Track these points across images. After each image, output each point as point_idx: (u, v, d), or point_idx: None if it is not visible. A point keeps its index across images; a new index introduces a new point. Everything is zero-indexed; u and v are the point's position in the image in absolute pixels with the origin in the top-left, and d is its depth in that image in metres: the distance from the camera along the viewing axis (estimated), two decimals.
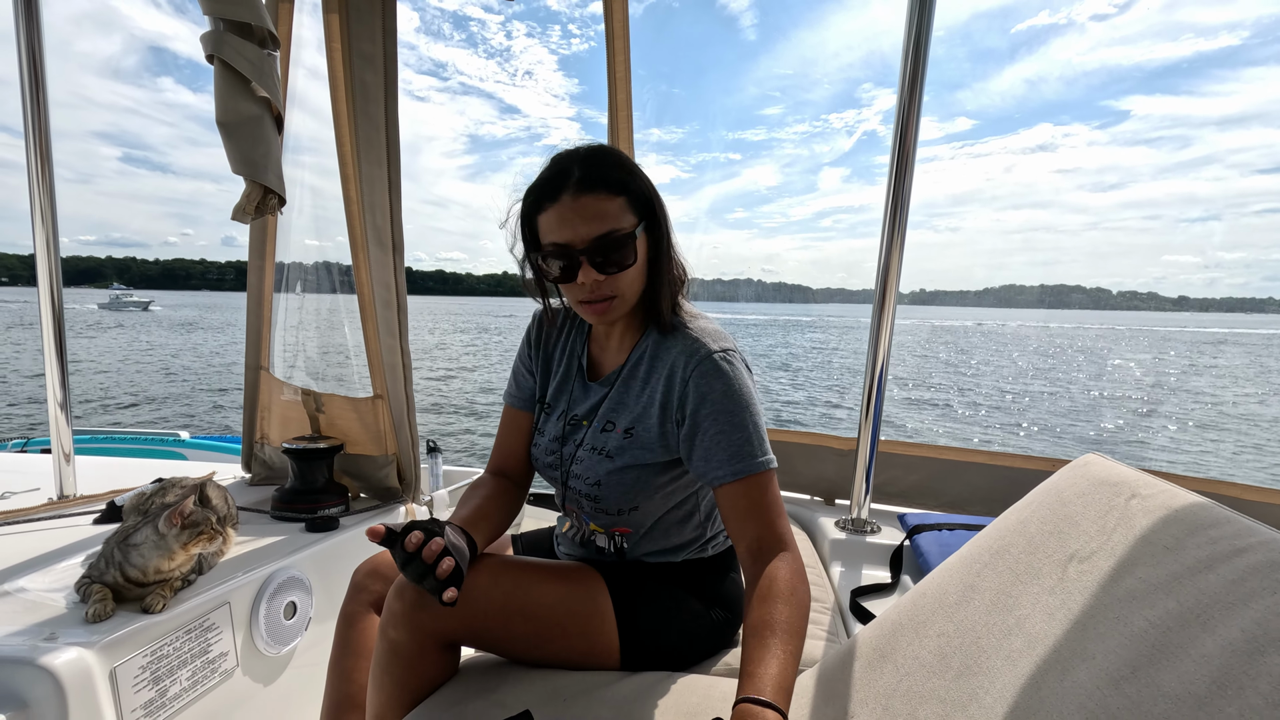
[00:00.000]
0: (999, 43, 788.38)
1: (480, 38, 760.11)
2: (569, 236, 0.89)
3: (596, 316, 0.95)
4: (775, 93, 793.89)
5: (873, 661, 0.87)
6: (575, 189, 0.88)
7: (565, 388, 1.09)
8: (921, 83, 1.39)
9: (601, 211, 0.88)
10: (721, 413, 0.91)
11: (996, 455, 1.70)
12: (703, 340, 0.95)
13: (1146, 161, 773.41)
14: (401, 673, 0.91)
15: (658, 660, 1.01)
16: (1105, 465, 0.86)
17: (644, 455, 0.97)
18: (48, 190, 1.56)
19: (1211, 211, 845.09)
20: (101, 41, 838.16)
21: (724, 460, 0.90)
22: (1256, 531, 0.62)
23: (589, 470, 1.01)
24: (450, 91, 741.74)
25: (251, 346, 1.91)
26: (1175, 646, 0.56)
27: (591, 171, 0.89)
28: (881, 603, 1.30)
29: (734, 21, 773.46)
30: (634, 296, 0.96)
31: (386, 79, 1.59)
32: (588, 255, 0.89)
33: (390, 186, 1.64)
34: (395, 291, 1.69)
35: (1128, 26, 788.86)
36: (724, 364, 0.92)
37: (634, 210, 0.92)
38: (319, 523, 1.58)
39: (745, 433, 0.90)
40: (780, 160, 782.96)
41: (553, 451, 1.07)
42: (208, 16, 1.27)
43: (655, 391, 0.96)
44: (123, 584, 1.12)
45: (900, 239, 1.46)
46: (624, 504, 1.00)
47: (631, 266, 0.92)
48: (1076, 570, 0.72)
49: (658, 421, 0.96)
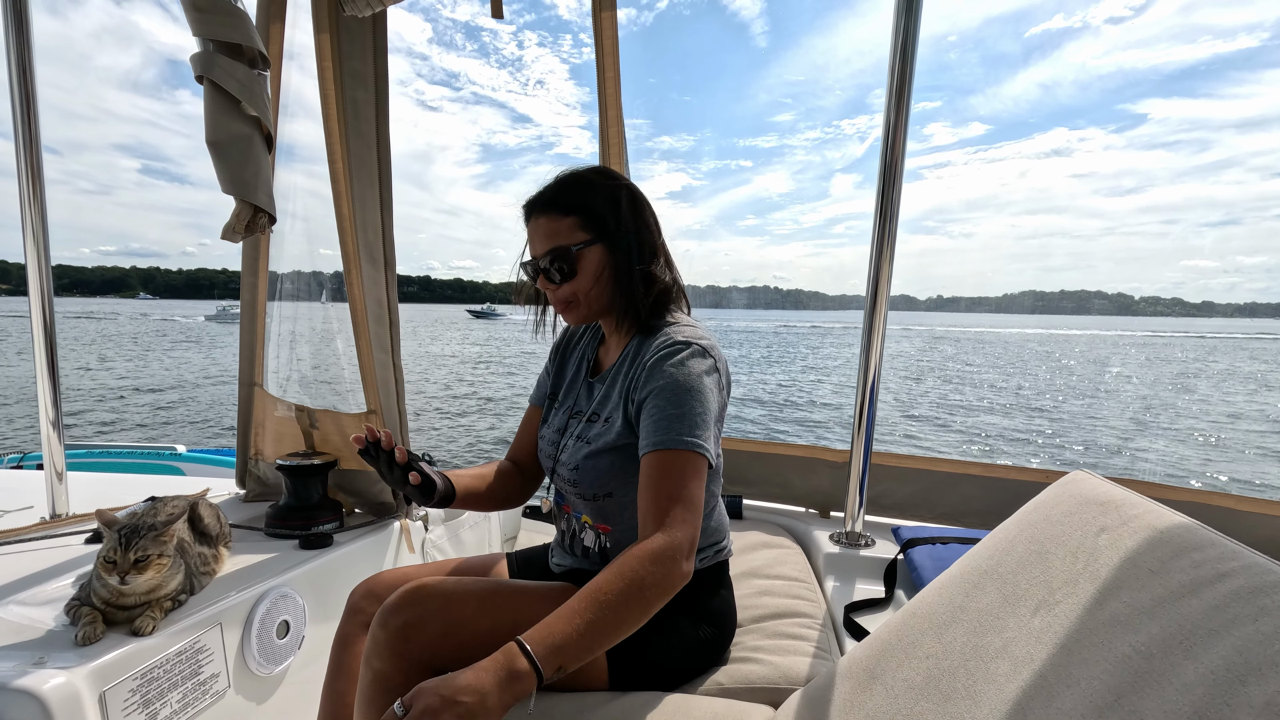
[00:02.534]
0: (1012, 47, 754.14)
1: (492, 48, 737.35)
2: (532, 251, 1.07)
3: (566, 315, 1.09)
4: (786, 99, 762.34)
5: (863, 682, 0.86)
6: (536, 212, 1.05)
7: (574, 386, 1.19)
8: (909, 93, 1.39)
9: (551, 230, 1.03)
10: (666, 391, 0.95)
11: (991, 467, 1.70)
12: (674, 335, 1.01)
13: (1164, 165, 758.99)
14: (386, 703, 0.90)
15: (646, 679, 1.01)
16: (1092, 483, 0.86)
17: (614, 439, 1.02)
18: (38, 202, 1.55)
19: (1232, 216, 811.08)
20: (121, 55, 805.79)
21: (651, 431, 0.94)
22: (1240, 555, 0.62)
23: (571, 457, 1.07)
24: (463, 101, 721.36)
25: (245, 363, 1.91)
26: (1158, 674, 0.56)
27: (549, 195, 1.04)
28: (875, 618, 1.29)
29: (745, 29, 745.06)
30: (597, 301, 1.06)
31: (378, 97, 1.59)
32: (543, 267, 1.04)
33: (382, 204, 1.64)
34: (387, 307, 1.69)
35: (1144, 29, 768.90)
36: (684, 353, 0.98)
37: (586, 228, 1.03)
38: (313, 539, 1.57)
39: (680, 411, 0.93)
40: (792, 167, 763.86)
41: (553, 442, 1.14)
42: (197, 38, 1.28)
43: (626, 378, 1.04)
44: (106, 608, 1.12)
45: (890, 249, 1.46)
46: (599, 489, 1.05)
47: (578, 276, 1.03)
48: (1063, 593, 0.72)
49: (622, 406, 1.03)
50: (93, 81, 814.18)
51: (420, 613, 0.91)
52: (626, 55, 1.73)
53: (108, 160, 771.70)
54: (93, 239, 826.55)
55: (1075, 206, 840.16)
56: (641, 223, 1.06)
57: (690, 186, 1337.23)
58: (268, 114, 1.35)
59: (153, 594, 1.15)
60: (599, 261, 1.04)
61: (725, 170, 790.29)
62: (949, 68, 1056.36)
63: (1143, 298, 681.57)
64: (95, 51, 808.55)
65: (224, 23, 1.28)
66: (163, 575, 1.15)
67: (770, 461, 1.87)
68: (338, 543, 1.60)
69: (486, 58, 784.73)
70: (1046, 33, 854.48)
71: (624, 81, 1.70)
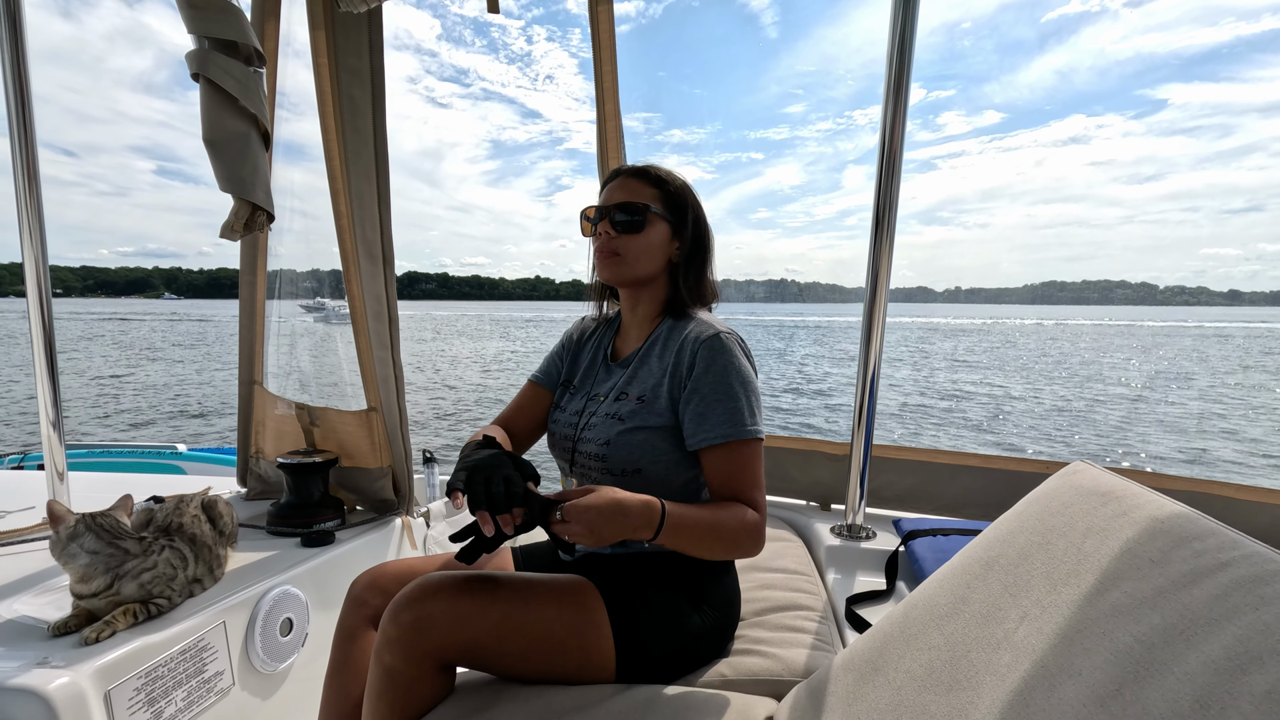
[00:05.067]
0: (1028, 33, 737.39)
1: (501, 43, 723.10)
2: (605, 200, 1.15)
3: (604, 265, 1.14)
4: (798, 90, 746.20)
5: (865, 674, 0.87)
6: (626, 174, 1.16)
7: (591, 372, 1.24)
8: (907, 84, 1.39)
9: (634, 189, 1.13)
10: (720, 381, 1.03)
11: (991, 459, 1.70)
12: (712, 324, 1.09)
13: (1185, 152, 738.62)
14: (397, 698, 0.91)
15: (653, 671, 1.01)
16: (1092, 474, 0.86)
17: (652, 419, 1.07)
18: (35, 203, 1.53)
19: (1255, 202, 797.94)
20: (135, 58, 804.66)
21: (715, 424, 1.02)
22: (1241, 544, 0.62)
23: (600, 433, 1.10)
24: (472, 97, 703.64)
25: (244, 361, 1.91)
26: (1160, 664, 0.56)
27: (644, 167, 1.17)
28: (877, 610, 1.30)
29: (755, 20, 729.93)
30: (640, 267, 1.13)
31: (374, 93, 1.59)
32: (610, 212, 1.12)
33: (380, 199, 1.64)
34: (386, 304, 1.69)
35: (1163, 12, 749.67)
36: (729, 343, 1.05)
37: (664, 203, 1.14)
38: (315, 537, 1.58)
39: (738, 403, 1.02)
40: (804, 159, 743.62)
41: (570, 424, 1.17)
42: (192, 35, 1.27)
43: (668, 363, 1.09)
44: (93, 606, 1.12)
45: (889, 242, 1.46)
46: (628, 464, 1.07)
47: (640, 234, 1.11)
48: (1064, 583, 0.72)
49: (667, 389, 1.07)
50: (106, 84, 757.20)
51: (431, 607, 0.91)
52: (636, 49, 1.74)
53: (123, 162, 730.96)
54: (112, 240, 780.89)
55: (1093, 195, 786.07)
56: (703, 229, 1.18)
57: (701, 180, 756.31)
58: (264, 111, 1.35)
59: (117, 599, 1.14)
60: (661, 236, 1.14)
61: (736, 163, 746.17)
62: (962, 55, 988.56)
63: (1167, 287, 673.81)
64: (108, 54, 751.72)
65: (219, 20, 1.27)
66: None
67: (771, 455, 1.87)
68: (340, 540, 1.61)
69: (495, 53, 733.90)
70: (1063, 17, 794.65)
71: (634, 75, 1.72)
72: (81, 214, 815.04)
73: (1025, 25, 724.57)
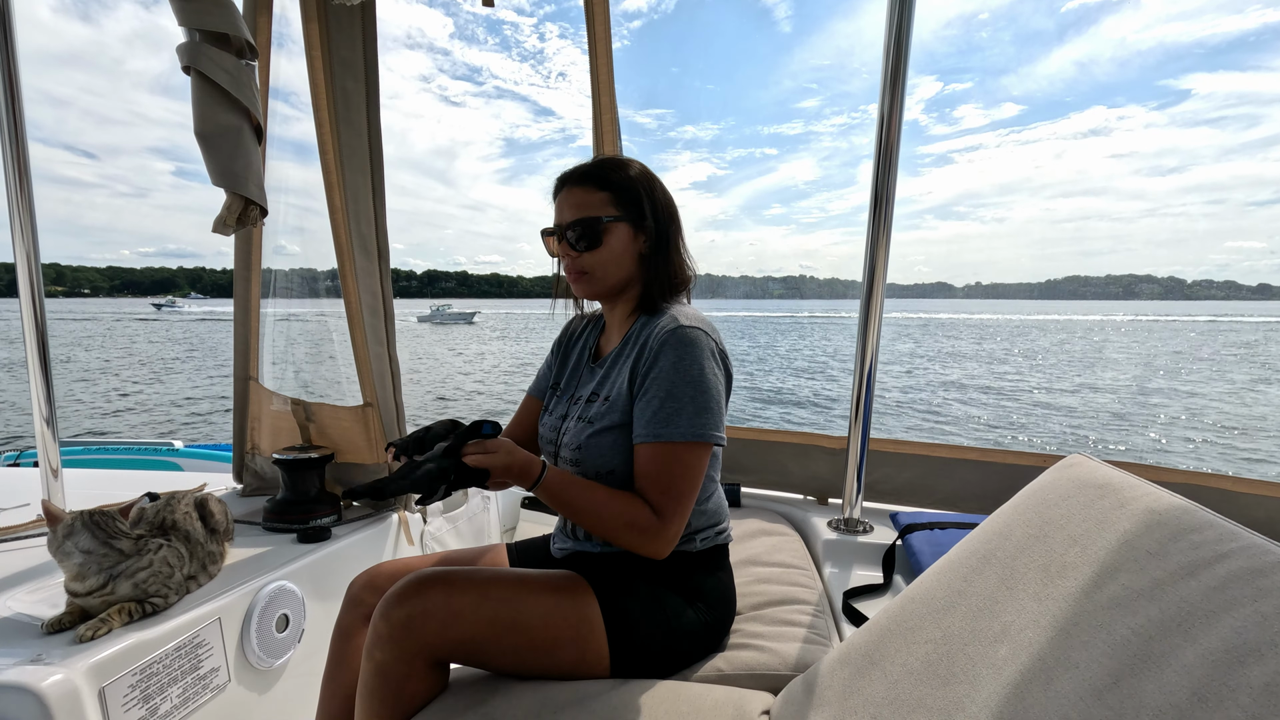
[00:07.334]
0: (1046, 24, 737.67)
1: (514, 41, 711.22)
2: (557, 219, 1.09)
3: (576, 285, 1.11)
4: (812, 85, 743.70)
5: (862, 668, 0.87)
6: (571, 183, 1.08)
7: (576, 374, 1.21)
8: (904, 78, 1.38)
9: (582, 200, 1.06)
10: (664, 378, 0.98)
11: (988, 452, 1.70)
12: (678, 318, 1.04)
13: (1209, 143, 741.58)
14: (389, 695, 0.90)
15: (647, 666, 1.01)
16: (1090, 466, 0.86)
17: (617, 417, 1.04)
18: (26, 201, 1.52)
19: None
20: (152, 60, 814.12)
21: (646, 421, 0.98)
22: (1238, 536, 0.62)
23: (574, 438, 1.08)
24: (485, 96, 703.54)
25: (240, 356, 1.90)
26: (1157, 656, 0.56)
27: (586, 170, 1.08)
28: (873, 604, 1.30)
29: (768, 14, 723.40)
30: (612, 277, 1.09)
31: (368, 86, 1.57)
32: (566, 234, 1.06)
33: (374, 193, 1.63)
34: (382, 299, 1.68)
35: (1187, 1, 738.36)
36: (685, 338, 1.00)
37: (617, 204, 1.06)
38: (311, 533, 1.57)
39: (678, 403, 0.97)
40: (818, 154, 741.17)
41: (553, 428, 1.15)
42: (183, 28, 1.26)
43: (631, 359, 1.05)
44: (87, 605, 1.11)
45: (886, 237, 1.45)
46: (601, 466, 1.05)
47: (601, 249, 1.06)
48: (1061, 576, 0.72)
49: (627, 384, 1.04)
50: (125, 86, 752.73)
51: (422, 604, 0.91)
52: (648, 45, 1.73)
53: (143, 164, 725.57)
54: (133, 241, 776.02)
55: (1114, 188, 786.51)
56: (669, 215, 1.11)
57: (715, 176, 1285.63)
58: (256, 104, 1.33)
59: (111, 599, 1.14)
60: (623, 240, 1.07)
61: (750, 159, 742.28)
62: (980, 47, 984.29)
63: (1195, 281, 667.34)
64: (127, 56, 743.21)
65: (210, 12, 1.26)
66: None
67: (768, 449, 1.87)
68: (336, 536, 1.60)
69: (508, 51, 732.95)
70: (1084, 7, 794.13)
71: (647, 71, 1.73)
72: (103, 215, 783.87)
73: (1044, 16, 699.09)
